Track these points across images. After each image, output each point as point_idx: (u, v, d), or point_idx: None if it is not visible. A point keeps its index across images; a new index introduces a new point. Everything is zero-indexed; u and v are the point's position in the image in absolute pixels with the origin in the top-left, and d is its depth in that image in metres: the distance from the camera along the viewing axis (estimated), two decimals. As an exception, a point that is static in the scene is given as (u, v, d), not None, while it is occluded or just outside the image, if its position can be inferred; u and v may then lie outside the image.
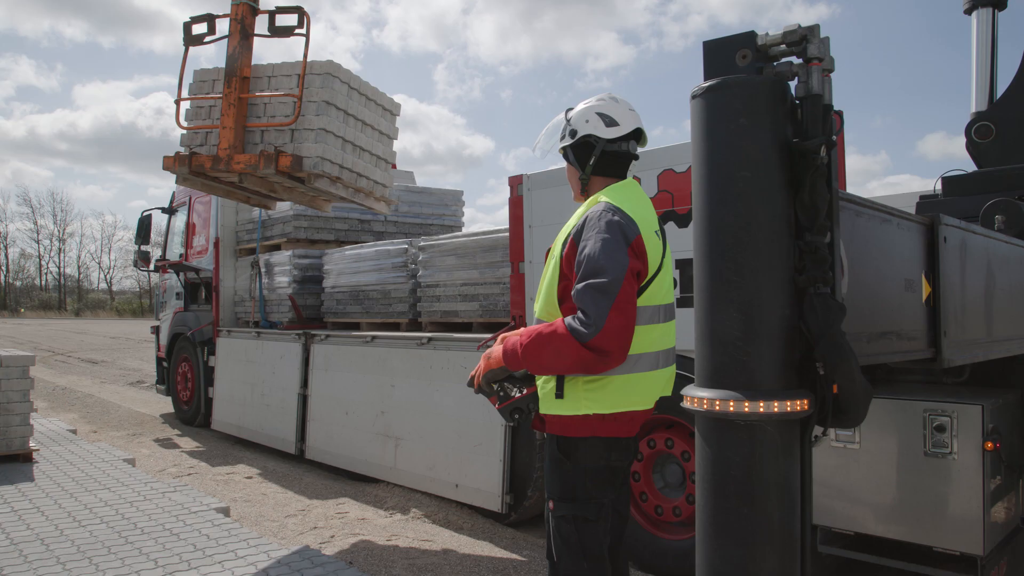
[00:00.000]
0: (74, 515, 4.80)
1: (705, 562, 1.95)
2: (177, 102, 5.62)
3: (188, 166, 5.43)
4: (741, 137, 1.92)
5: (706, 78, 2.04)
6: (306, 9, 5.20)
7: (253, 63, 5.47)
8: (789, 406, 1.87)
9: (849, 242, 2.23)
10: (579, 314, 2.39)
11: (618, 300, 2.35)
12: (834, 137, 1.99)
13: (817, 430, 2.01)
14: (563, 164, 2.92)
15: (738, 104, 1.93)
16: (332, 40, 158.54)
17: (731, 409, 1.86)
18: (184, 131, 5.66)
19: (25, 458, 6.38)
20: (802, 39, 2.03)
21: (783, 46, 2.06)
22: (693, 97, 2.03)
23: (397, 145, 6.51)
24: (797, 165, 1.94)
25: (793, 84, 2.03)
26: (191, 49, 5.56)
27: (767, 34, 2.08)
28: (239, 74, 5.35)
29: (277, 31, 5.37)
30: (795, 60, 2.07)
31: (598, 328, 2.33)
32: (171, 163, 5.53)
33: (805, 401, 1.91)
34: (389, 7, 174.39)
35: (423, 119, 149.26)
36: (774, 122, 1.94)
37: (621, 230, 2.46)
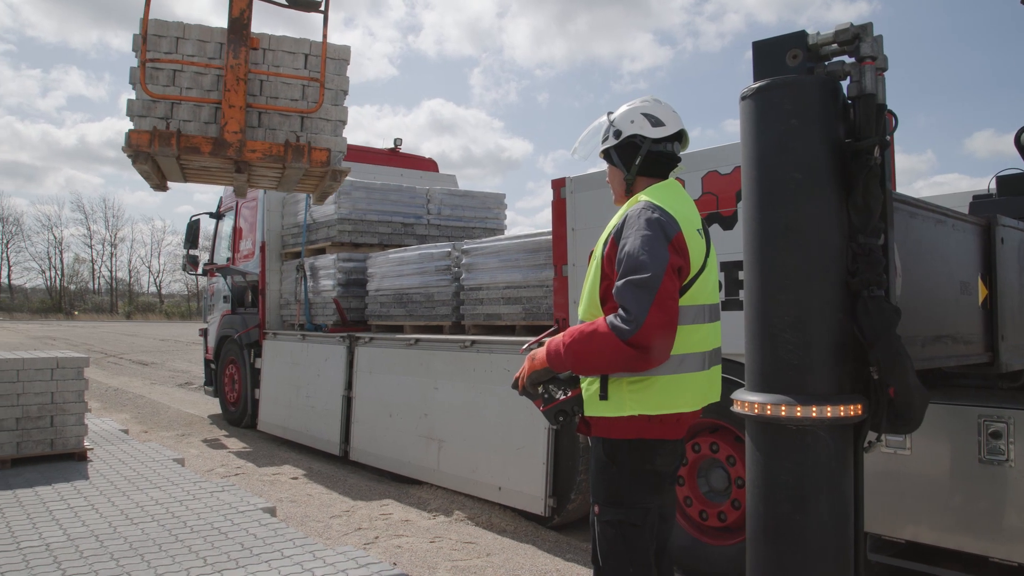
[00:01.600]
0: (126, 513, 4.91)
1: (756, 568, 1.93)
2: (143, 62, 4.58)
3: (173, 147, 4.57)
4: (792, 138, 1.90)
5: (756, 79, 2.02)
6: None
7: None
8: (842, 411, 1.84)
9: (903, 244, 2.19)
10: (620, 311, 2.37)
11: (659, 296, 2.32)
12: (888, 137, 1.95)
13: (871, 436, 1.98)
14: (605, 166, 2.91)
15: (789, 105, 1.91)
16: (370, 46, 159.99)
17: (783, 414, 1.84)
18: (147, 99, 4.64)
19: (80, 456, 6.54)
20: (854, 38, 2.00)
21: (835, 45, 2.03)
22: (743, 98, 2.01)
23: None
24: (850, 166, 1.91)
25: (845, 84, 2.00)
26: None
27: (818, 33, 2.06)
28: (248, 43, 4.67)
29: (298, 3, 4.85)
30: (847, 59, 2.04)
31: (639, 324, 2.29)
32: (144, 140, 4.57)
33: (859, 406, 1.88)
34: (425, 12, 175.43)
35: (460, 123, 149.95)
36: (826, 122, 1.91)
37: (661, 227, 2.43)
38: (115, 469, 6.21)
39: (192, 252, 12.10)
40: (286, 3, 4.86)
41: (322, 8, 4.82)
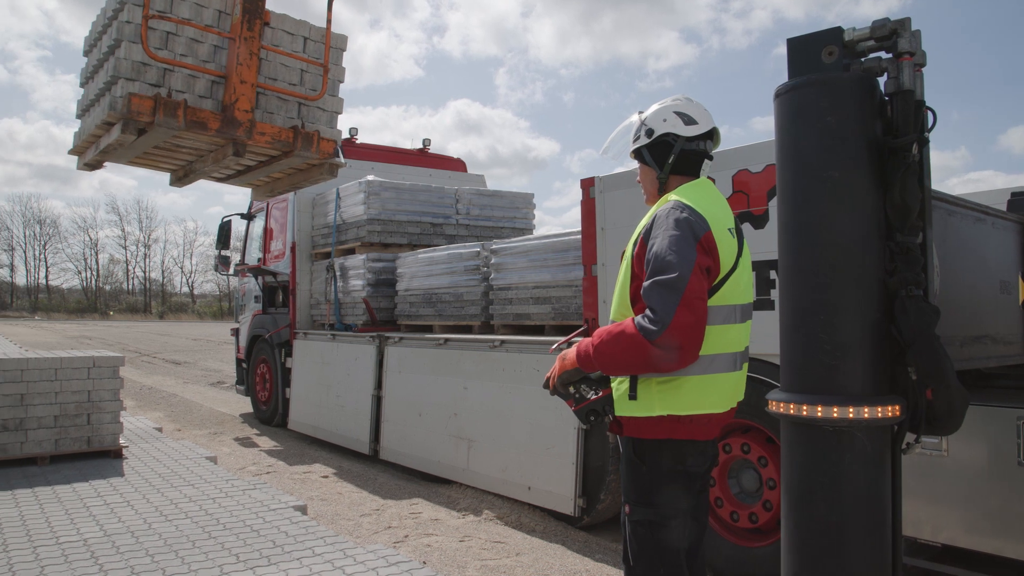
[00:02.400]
0: (161, 510, 4.98)
1: (792, 571, 1.91)
2: (145, 17, 4.12)
3: (180, 119, 4.14)
4: (828, 136, 1.88)
5: (791, 76, 2.00)
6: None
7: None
8: (880, 412, 1.81)
9: (941, 242, 2.15)
10: (647, 311, 2.36)
11: (686, 296, 2.30)
12: (926, 134, 1.92)
13: (909, 437, 1.95)
14: (634, 166, 2.89)
15: (824, 102, 1.89)
16: (396, 48, 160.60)
17: (819, 414, 1.82)
18: (138, 60, 4.20)
19: (115, 454, 6.64)
20: (892, 33, 1.97)
21: (871, 41, 2.00)
22: (777, 96, 1.99)
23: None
24: (888, 163, 1.88)
25: (882, 80, 1.97)
26: None
27: (854, 29, 2.03)
28: (263, 16, 4.37)
29: None
30: (884, 55, 2.01)
31: (665, 324, 2.28)
32: (147, 107, 4.11)
33: (896, 407, 1.86)
34: (449, 12, 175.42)
35: (487, 123, 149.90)
36: (863, 120, 1.89)
37: (690, 226, 2.41)
38: (150, 466, 6.30)
39: (224, 253, 12.21)
40: None
41: None
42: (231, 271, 12.18)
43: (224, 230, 12.07)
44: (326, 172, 5.26)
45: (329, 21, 4.64)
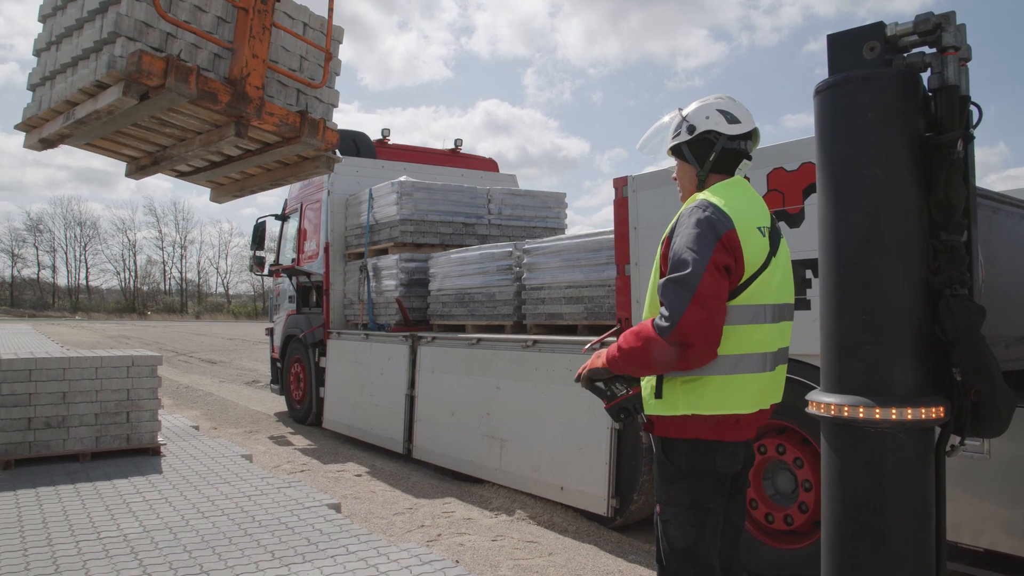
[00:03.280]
0: (198, 506, 5.06)
1: (832, 574, 1.88)
2: None
3: (191, 86, 3.77)
4: (870, 133, 1.85)
5: (831, 72, 1.97)
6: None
7: None
8: (924, 413, 1.78)
9: (986, 240, 2.11)
10: (661, 309, 2.39)
11: (698, 293, 2.29)
12: (972, 130, 1.88)
13: (953, 439, 1.91)
14: (667, 165, 2.87)
15: (866, 98, 1.86)
16: (424, 49, 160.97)
17: (860, 415, 1.79)
18: (140, 19, 3.88)
19: (154, 451, 6.75)
20: (936, 27, 1.93)
21: (914, 36, 1.96)
22: (817, 92, 1.97)
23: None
24: (931, 160, 1.85)
25: (925, 75, 1.94)
26: None
27: (896, 24, 1.99)
28: None
29: None
30: (927, 50, 1.97)
31: (674, 322, 2.30)
32: (159, 68, 3.77)
33: (940, 408, 1.82)
34: (477, 13, 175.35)
35: (516, 123, 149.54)
36: (906, 116, 1.85)
37: (710, 225, 2.40)
38: (187, 464, 6.39)
39: (258, 253, 12.35)
40: None
41: None
42: (265, 271, 12.32)
43: (259, 231, 12.21)
44: (323, 166, 5.05)
45: (331, 9, 4.49)
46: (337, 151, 5.06)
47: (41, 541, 4.31)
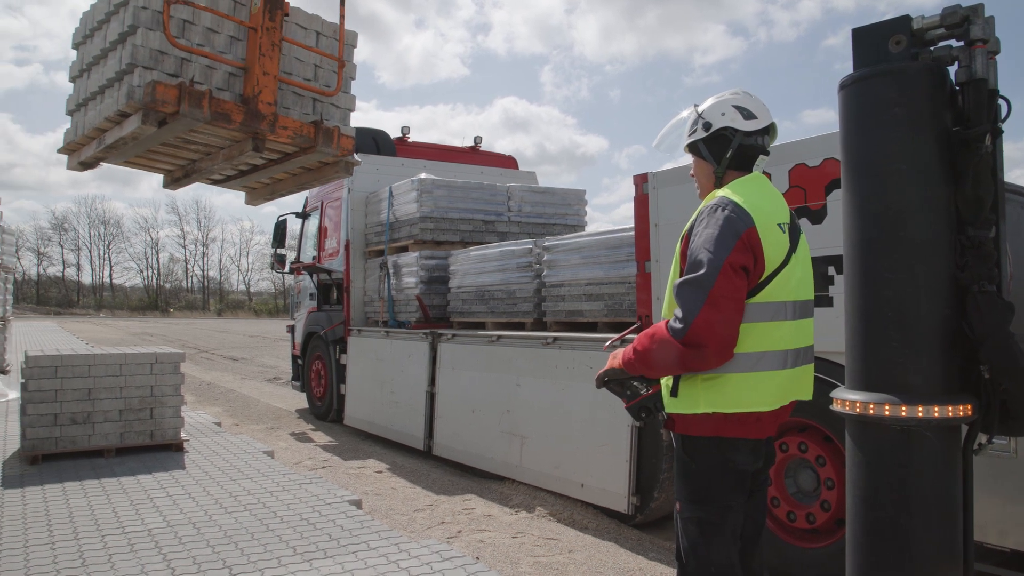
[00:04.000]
0: (220, 502, 5.10)
1: (857, 573, 1.86)
2: (168, 2, 3.99)
3: (205, 110, 3.91)
4: (896, 128, 1.83)
5: (856, 67, 1.95)
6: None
7: None
8: (951, 411, 1.76)
9: (1015, 236, 2.08)
10: (675, 310, 2.38)
11: (712, 294, 2.28)
12: (1000, 124, 1.85)
13: (981, 438, 1.89)
14: (686, 161, 2.86)
15: (892, 93, 1.84)
16: (441, 47, 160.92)
17: (886, 413, 1.77)
18: (156, 48, 3.98)
19: (177, 447, 6.82)
20: (963, 20, 1.91)
21: (941, 29, 1.94)
22: (842, 87, 1.95)
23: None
24: (959, 155, 1.82)
25: (952, 69, 1.91)
26: None
27: (923, 17, 1.97)
28: (283, 7, 4.22)
29: None
30: (954, 43, 1.94)
31: (688, 323, 2.29)
32: (172, 96, 3.92)
33: (968, 406, 1.80)
34: (493, 10, 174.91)
35: (534, 120, 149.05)
36: (932, 110, 1.83)
37: (729, 223, 2.38)
38: (209, 460, 6.45)
39: (279, 251, 12.42)
40: None
41: None
42: (286, 269, 12.39)
43: (279, 229, 12.28)
44: (342, 170, 5.16)
45: (342, 16, 4.56)
46: (355, 154, 5.11)
47: (68, 535, 4.37)
